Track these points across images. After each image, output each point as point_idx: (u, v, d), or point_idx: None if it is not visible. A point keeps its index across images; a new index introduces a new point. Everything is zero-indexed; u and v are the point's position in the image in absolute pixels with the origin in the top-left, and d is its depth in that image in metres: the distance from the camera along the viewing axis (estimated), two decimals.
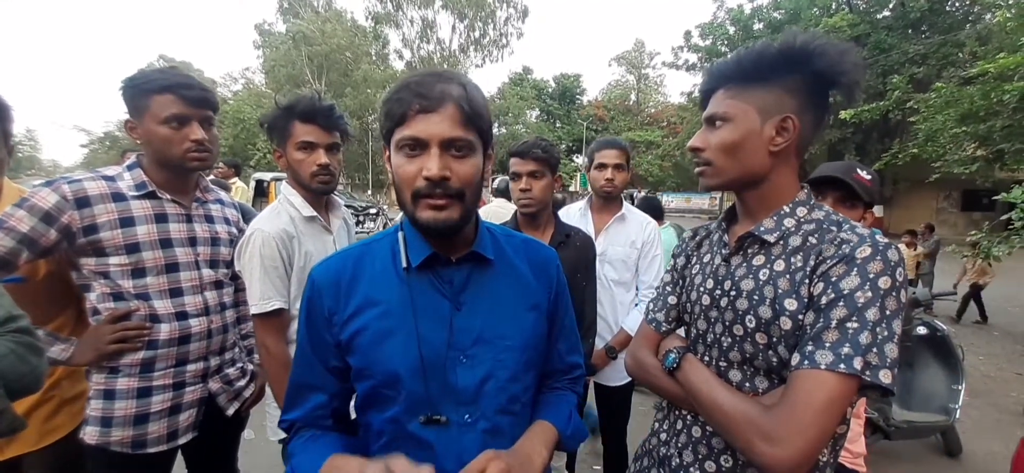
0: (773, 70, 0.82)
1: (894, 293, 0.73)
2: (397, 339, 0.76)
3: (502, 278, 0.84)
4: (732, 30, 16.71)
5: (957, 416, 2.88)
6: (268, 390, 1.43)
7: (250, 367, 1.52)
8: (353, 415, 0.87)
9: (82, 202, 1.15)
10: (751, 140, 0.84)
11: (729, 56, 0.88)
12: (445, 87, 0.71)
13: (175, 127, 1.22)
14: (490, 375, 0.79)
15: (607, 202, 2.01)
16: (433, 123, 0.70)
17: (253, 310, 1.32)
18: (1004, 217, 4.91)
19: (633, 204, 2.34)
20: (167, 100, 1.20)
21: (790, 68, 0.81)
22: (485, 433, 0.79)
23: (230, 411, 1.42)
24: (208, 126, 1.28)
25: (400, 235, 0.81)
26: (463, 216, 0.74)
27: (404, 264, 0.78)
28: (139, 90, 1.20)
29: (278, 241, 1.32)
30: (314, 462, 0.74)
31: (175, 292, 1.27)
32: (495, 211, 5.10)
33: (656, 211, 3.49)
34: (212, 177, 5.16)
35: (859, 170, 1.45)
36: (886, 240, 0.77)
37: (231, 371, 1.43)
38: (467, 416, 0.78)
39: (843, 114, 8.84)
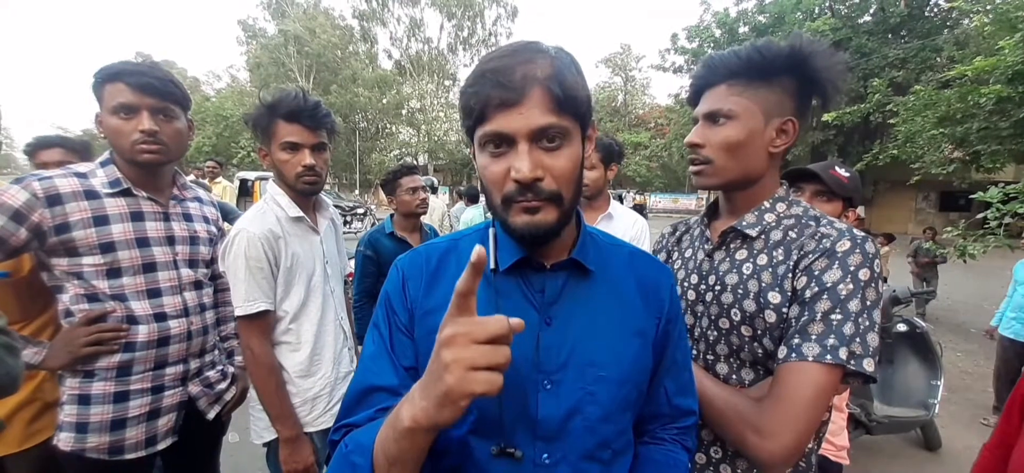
0: (778, 70, 0.81)
1: (873, 284, 0.75)
2: None
3: (603, 294, 0.71)
4: (718, 33, 16.91)
5: (936, 411, 2.95)
6: (252, 391, 1.40)
7: (231, 369, 1.48)
8: None
9: (53, 200, 1.11)
10: (754, 140, 0.83)
11: (726, 51, 0.84)
12: (528, 69, 0.59)
13: (124, 117, 1.17)
14: (577, 409, 0.66)
15: (590, 200, 2.02)
16: (517, 117, 0.58)
17: (238, 312, 1.28)
18: (979, 216, 5.04)
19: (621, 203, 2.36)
20: (116, 88, 1.15)
21: (792, 69, 0.81)
22: None
23: (211, 415, 1.39)
24: (165, 117, 1.21)
25: (491, 232, 0.71)
26: (561, 219, 0.63)
27: (491, 265, 0.67)
28: (98, 80, 1.17)
29: (264, 242, 1.29)
30: (371, 431, 0.59)
31: (153, 293, 1.23)
32: (432, 203, 5.23)
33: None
34: (193, 177, 5.07)
35: (837, 167, 1.48)
36: (863, 233, 0.79)
37: (211, 374, 1.39)
38: (546, 456, 0.65)
39: (826, 117, 9.01)
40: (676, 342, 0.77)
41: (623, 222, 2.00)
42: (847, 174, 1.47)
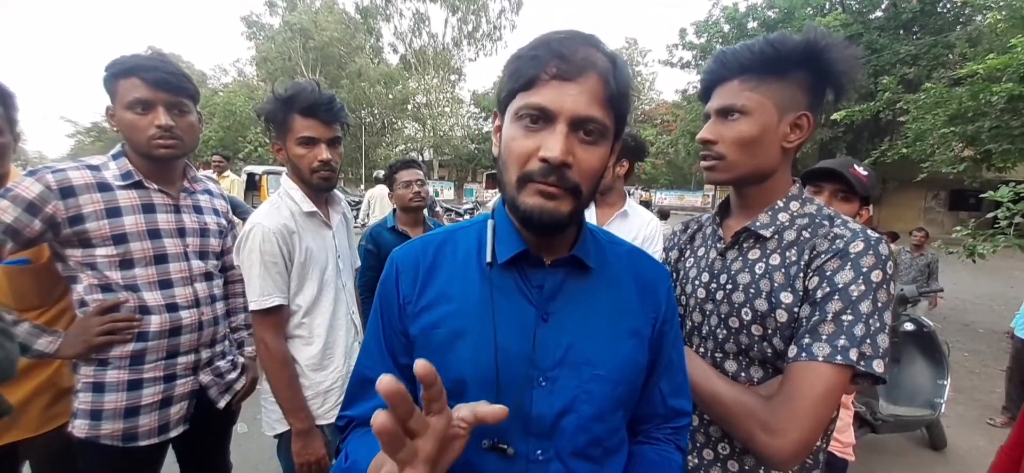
0: (792, 64, 0.80)
1: (885, 286, 0.75)
2: (469, 342, 0.65)
3: (601, 292, 0.70)
4: (727, 28, 16.74)
5: (942, 410, 2.94)
6: (264, 384, 1.42)
7: (240, 359, 1.50)
8: None
9: (67, 192, 1.12)
10: (768, 135, 0.82)
11: (738, 46, 0.83)
12: (590, 53, 0.58)
13: (140, 112, 1.18)
14: (570, 408, 0.65)
15: (607, 197, 2.02)
16: (568, 94, 0.57)
17: (252, 306, 1.29)
18: (990, 215, 4.99)
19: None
20: (131, 84, 1.17)
21: (805, 63, 0.80)
22: None
23: (221, 404, 1.41)
24: (179, 111, 1.23)
25: (490, 224, 0.70)
26: (573, 213, 0.61)
27: (488, 258, 0.68)
28: (110, 74, 1.18)
29: (278, 236, 1.29)
30: (371, 448, 0.62)
31: (165, 284, 1.25)
32: (380, 195, 5.54)
33: None
34: (207, 173, 5.10)
35: (856, 166, 1.47)
36: (877, 235, 0.78)
37: (222, 363, 1.41)
38: (539, 452, 0.65)
39: (835, 115, 8.91)
40: (672, 342, 0.76)
41: (638, 221, 1.98)
42: (866, 173, 1.46)
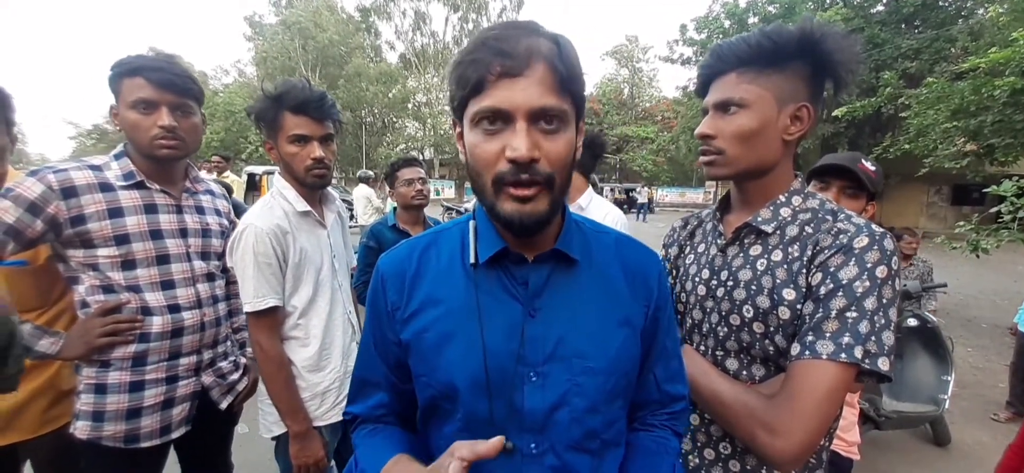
0: (790, 55, 0.79)
1: (890, 282, 0.73)
2: (457, 345, 0.66)
3: (588, 284, 0.70)
4: (727, 23, 16.70)
5: (946, 406, 2.92)
6: (262, 385, 1.42)
7: (243, 360, 1.50)
8: None
9: (68, 192, 1.12)
10: (768, 129, 0.81)
11: (734, 38, 0.82)
12: (532, 42, 0.57)
13: (143, 112, 1.18)
14: (563, 401, 0.66)
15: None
16: (519, 90, 0.56)
17: (247, 308, 1.29)
18: (993, 210, 4.96)
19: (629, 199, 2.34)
20: (136, 83, 1.16)
21: (804, 53, 0.79)
22: (552, 471, 0.66)
23: (223, 405, 1.41)
24: (182, 113, 1.23)
25: (471, 224, 0.70)
26: (552, 207, 0.61)
27: (472, 259, 0.67)
28: (116, 73, 1.18)
29: (272, 237, 1.28)
30: (377, 458, 0.67)
31: (167, 285, 1.25)
32: (365, 195, 5.86)
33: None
34: (214, 177, 5.11)
35: (864, 161, 1.45)
36: (881, 229, 0.77)
37: (224, 364, 1.41)
38: (533, 446, 0.66)
39: (837, 111, 8.88)
40: (665, 329, 0.76)
41: (595, 214, 1.89)
42: (875, 168, 1.44)
